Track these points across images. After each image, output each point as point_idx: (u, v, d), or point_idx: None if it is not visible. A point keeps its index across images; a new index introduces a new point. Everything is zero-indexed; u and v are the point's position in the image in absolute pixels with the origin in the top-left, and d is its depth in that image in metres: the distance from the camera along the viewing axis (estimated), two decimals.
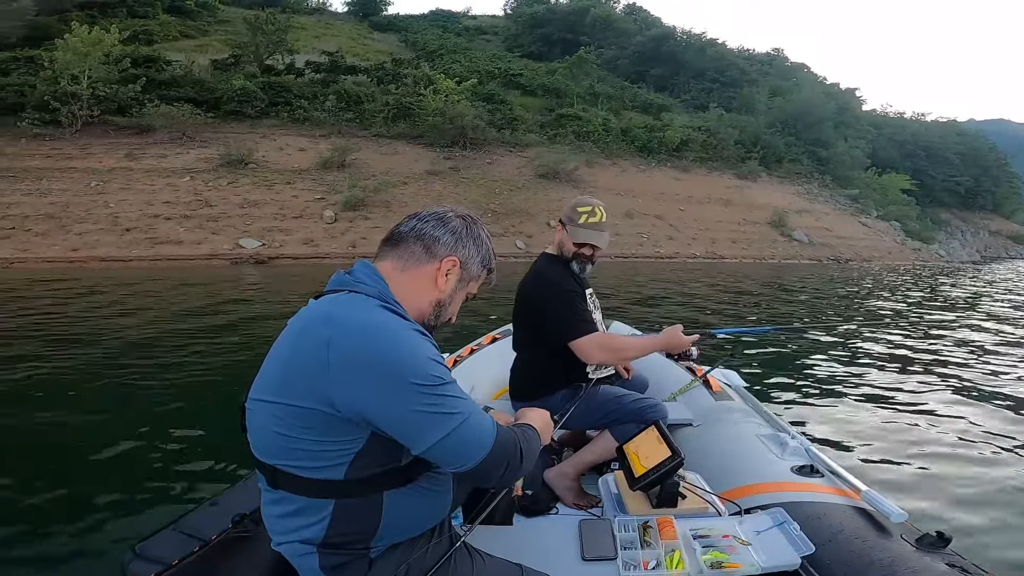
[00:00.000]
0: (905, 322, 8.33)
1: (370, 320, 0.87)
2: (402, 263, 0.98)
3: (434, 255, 0.99)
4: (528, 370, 1.97)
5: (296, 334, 0.90)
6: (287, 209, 18.11)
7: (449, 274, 1.00)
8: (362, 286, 0.94)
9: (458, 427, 0.87)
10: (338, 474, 0.89)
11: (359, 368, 0.83)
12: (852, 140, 41.73)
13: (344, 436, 0.87)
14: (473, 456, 0.88)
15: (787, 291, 12.34)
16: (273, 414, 0.88)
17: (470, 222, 1.05)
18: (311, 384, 0.85)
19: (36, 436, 3.09)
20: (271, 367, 0.91)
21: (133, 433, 3.10)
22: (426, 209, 1.04)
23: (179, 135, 20.71)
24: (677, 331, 1.83)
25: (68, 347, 5.05)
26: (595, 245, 1.90)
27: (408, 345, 0.86)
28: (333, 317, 0.87)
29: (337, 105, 24.45)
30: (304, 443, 0.87)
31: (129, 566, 1.16)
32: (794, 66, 56.21)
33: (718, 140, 32.92)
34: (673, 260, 21.10)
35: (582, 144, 27.98)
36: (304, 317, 0.92)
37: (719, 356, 2.67)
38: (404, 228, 1.00)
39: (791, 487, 1.53)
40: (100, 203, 16.45)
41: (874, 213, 36.12)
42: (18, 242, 14.23)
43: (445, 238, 0.99)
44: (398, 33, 46.91)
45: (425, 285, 0.99)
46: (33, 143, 18.69)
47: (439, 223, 1.00)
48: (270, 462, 0.91)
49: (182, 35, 32.43)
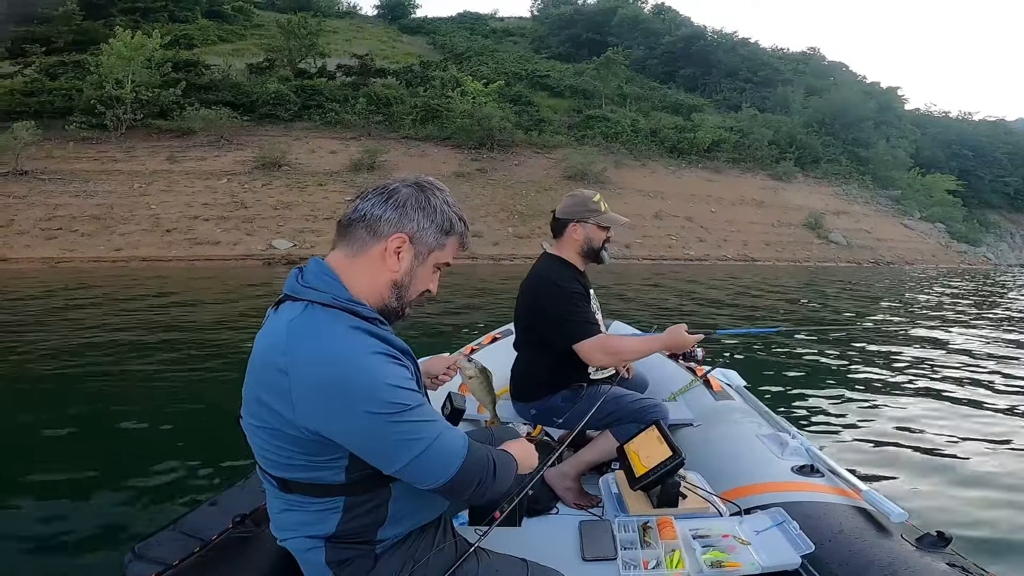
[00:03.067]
0: (919, 324, 8.17)
1: (327, 348, 0.83)
2: (351, 250, 0.94)
3: (379, 235, 0.93)
4: (529, 370, 1.96)
5: (259, 359, 0.88)
6: (318, 210, 18.53)
7: (400, 252, 0.93)
8: (314, 293, 0.90)
9: (424, 451, 0.87)
10: (339, 478, 0.92)
11: (318, 399, 0.82)
12: (894, 140, 40.32)
13: (328, 453, 0.89)
14: (442, 475, 0.89)
15: (822, 296, 11.97)
16: (260, 434, 0.91)
17: (419, 190, 0.96)
18: (278, 411, 0.86)
19: (32, 435, 3.09)
20: (248, 384, 0.91)
21: (134, 431, 3.13)
22: (377, 185, 0.97)
23: (217, 138, 21.48)
24: (680, 331, 1.79)
25: (69, 348, 5.08)
26: (620, 224, 1.94)
27: (367, 375, 0.83)
28: (289, 346, 0.84)
29: (367, 107, 24.95)
30: (297, 457, 0.89)
31: (128, 566, 1.16)
32: (831, 65, 54.53)
33: (751, 140, 32.24)
34: (703, 262, 20.74)
35: (610, 145, 27.82)
36: (264, 341, 0.90)
37: (721, 356, 2.62)
38: (350, 212, 0.95)
39: (791, 487, 1.53)
40: (142, 205, 17.18)
41: (917, 214, 34.79)
42: (65, 242, 14.96)
43: (388, 215, 0.92)
44: (426, 36, 47.51)
45: (377, 269, 0.94)
46: (81, 146, 19.64)
47: (381, 199, 0.93)
48: (275, 473, 0.93)
49: (220, 39, 33.52)
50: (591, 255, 1.91)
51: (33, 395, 3.84)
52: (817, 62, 53.85)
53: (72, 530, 2.10)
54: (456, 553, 1.06)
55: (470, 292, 9.70)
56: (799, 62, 51.85)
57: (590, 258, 1.92)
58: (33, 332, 5.81)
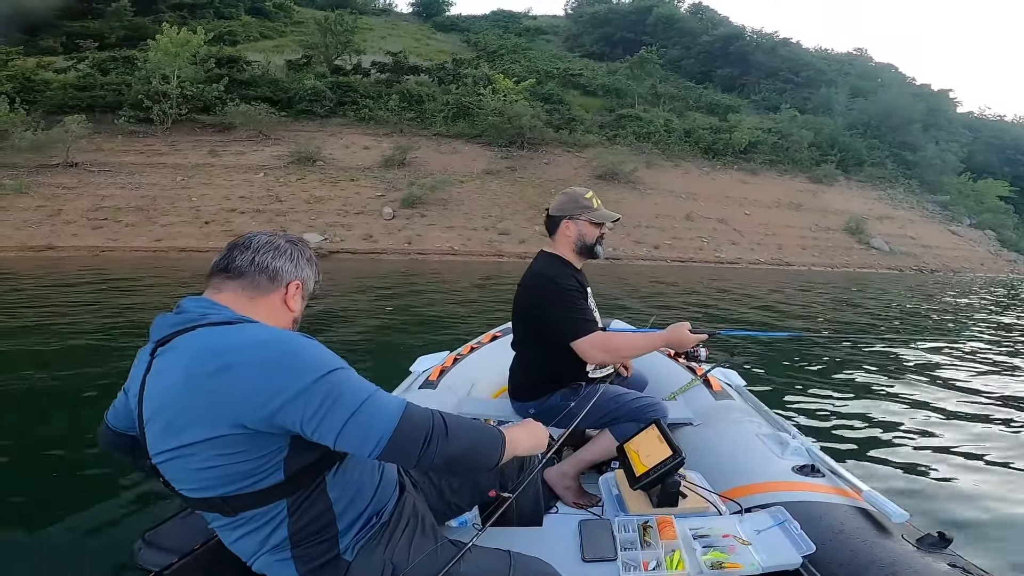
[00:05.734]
0: (935, 329, 8.06)
1: (261, 334, 0.93)
2: (250, 293, 1.04)
3: (279, 282, 1.07)
4: (527, 369, 1.94)
5: (183, 378, 0.90)
6: (349, 205, 18.90)
7: (295, 296, 1.10)
8: (211, 316, 0.96)
9: (361, 406, 0.89)
10: (278, 476, 0.93)
11: (267, 375, 0.87)
12: (944, 143, 38.65)
13: (267, 447, 0.91)
14: (380, 432, 0.88)
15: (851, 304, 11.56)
16: (190, 456, 0.90)
17: (299, 245, 1.14)
18: (218, 414, 0.87)
19: (43, 421, 3.11)
20: (162, 419, 0.91)
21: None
22: (253, 239, 1.09)
23: (256, 133, 22.16)
24: (682, 329, 1.74)
25: (84, 335, 5.15)
26: (612, 221, 1.92)
27: (305, 344, 0.93)
28: (219, 348, 0.90)
29: (400, 104, 25.27)
30: (233, 467, 0.90)
31: (139, 554, 1.17)
32: (879, 66, 52.58)
33: (790, 142, 31.40)
34: (735, 265, 20.30)
35: (642, 145, 27.50)
36: (179, 362, 0.92)
37: (723, 356, 2.57)
38: (240, 262, 1.05)
39: (792, 487, 1.52)
40: (184, 197, 17.86)
41: (966, 221, 33.32)
42: (110, 232, 15.68)
43: (286, 266, 1.08)
44: (460, 33, 47.96)
45: (278, 309, 1.07)
46: (128, 139, 20.53)
47: (276, 253, 1.08)
48: (212, 495, 0.93)
49: (261, 36, 34.62)
50: (586, 251, 1.89)
51: (43, 385, 3.79)
52: (864, 63, 52.06)
53: (82, 518, 2.11)
54: (437, 550, 1.06)
55: (497, 290, 9.73)
56: (844, 63, 50.22)
57: (585, 254, 1.90)
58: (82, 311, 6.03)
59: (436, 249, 17.35)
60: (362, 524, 1.04)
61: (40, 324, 5.61)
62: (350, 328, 6.00)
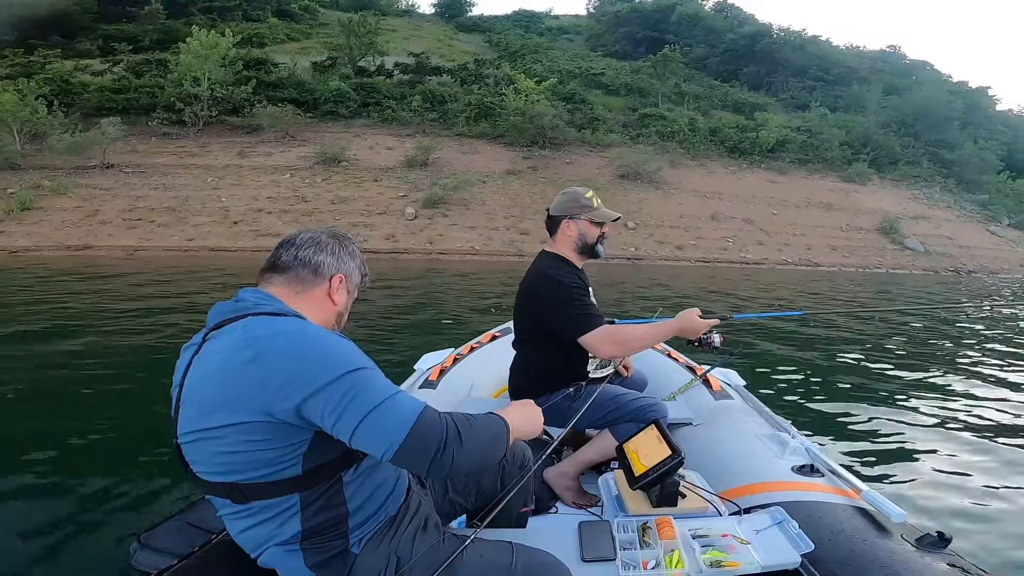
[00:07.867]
0: (943, 328, 7.84)
1: (294, 328, 0.95)
2: (296, 287, 1.09)
3: (323, 276, 1.11)
4: (527, 369, 1.95)
5: (220, 362, 0.93)
6: (373, 205, 19.14)
7: (339, 289, 1.14)
8: (264, 306, 1.01)
9: (376, 407, 0.90)
10: (296, 470, 0.95)
11: (295, 367, 0.90)
12: (982, 141, 37.19)
13: (291, 439, 0.93)
14: (395, 434, 0.89)
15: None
16: (216, 439, 0.92)
17: (342, 240, 1.18)
18: (247, 401, 0.90)
19: (44, 420, 3.12)
20: (196, 400, 0.94)
21: (141, 420, 3.08)
22: (297, 236, 1.14)
23: (283, 134, 22.61)
24: (692, 315, 1.73)
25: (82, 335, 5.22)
26: (612, 220, 1.91)
27: (335, 341, 0.96)
28: (254, 339, 0.93)
29: (422, 105, 25.48)
30: (255, 454, 0.92)
31: (135, 556, 1.16)
32: (913, 64, 50.99)
33: (820, 141, 30.59)
34: (760, 266, 19.89)
35: (666, 144, 27.11)
36: (221, 348, 0.95)
37: (724, 357, 2.51)
38: (286, 258, 1.10)
39: (791, 486, 1.52)
40: (214, 197, 18.34)
41: (1006, 221, 31.92)
42: (143, 232, 16.19)
43: (328, 260, 1.12)
44: (482, 34, 48.12)
45: (323, 302, 1.12)
46: (162, 141, 21.19)
47: (318, 248, 1.12)
48: (229, 479, 0.94)
49: (288, 38, 35.25)
50: (587, 251, 1.89)
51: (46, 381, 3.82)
52: (897, 60, 50.55)
53: (77, 519, 2.10)
54: (442, 544, 1.08)
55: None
56: (877, 60, 48.80)
57: (586, 254, 1.90)
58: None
59: (457, 249, 17.45)
60: (376, 522, 1.06)
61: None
62: (365, 327, 6.05)
